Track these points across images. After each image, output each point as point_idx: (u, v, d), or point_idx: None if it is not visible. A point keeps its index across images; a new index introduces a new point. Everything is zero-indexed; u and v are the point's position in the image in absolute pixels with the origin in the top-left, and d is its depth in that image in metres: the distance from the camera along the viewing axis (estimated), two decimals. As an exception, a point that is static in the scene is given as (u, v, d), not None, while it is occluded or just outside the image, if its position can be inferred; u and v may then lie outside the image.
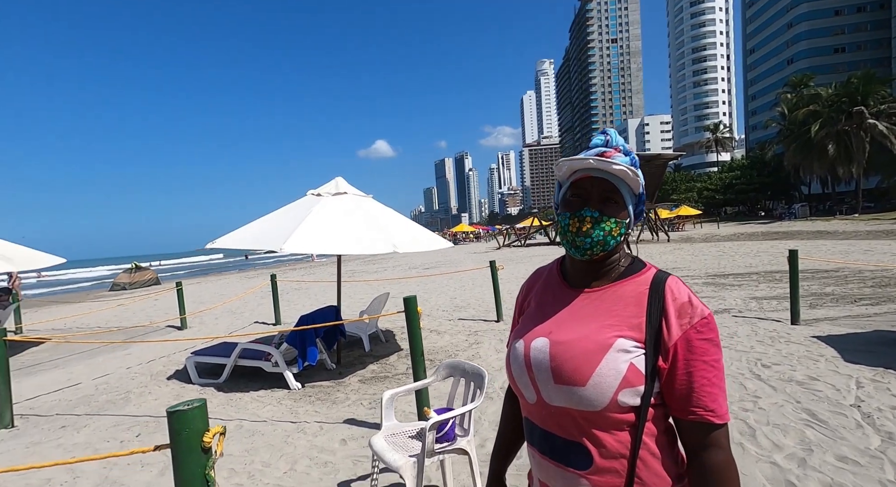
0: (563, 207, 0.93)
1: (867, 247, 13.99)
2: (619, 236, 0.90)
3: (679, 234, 32.38)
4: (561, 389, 0.85)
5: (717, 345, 0.84)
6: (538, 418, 0.92)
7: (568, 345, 0.87)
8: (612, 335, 0.85)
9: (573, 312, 0.92)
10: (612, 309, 0.88)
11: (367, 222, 4.64)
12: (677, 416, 0.85)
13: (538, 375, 0.89)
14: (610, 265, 0.94)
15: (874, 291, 7.49)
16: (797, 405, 3.28)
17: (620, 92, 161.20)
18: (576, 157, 0.89)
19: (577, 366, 0.84)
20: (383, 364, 5.31)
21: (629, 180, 0.89)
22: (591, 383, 0.82)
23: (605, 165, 0.87)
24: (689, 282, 9.75)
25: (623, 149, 0.92)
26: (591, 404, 0.83)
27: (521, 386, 0.94)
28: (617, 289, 0.90)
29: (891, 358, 4.16)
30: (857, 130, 34.75)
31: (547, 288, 1.01)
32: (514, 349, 0.96)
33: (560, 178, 0.97)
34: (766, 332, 5.39)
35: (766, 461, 2.56)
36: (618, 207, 0.90)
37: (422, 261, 21.91)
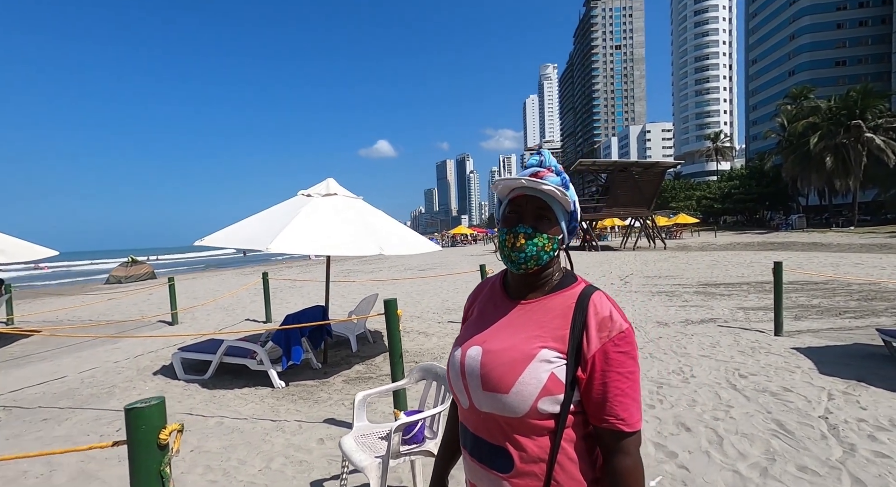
0: (502, 223, 1.00)
1: (858, 260, 14.08)
2: (551, 251, 0.96)
3: (676, 242, 32.47)
4: (488, 395, 0.91)
5: (633, 358, 0.90)
6: (470, 423, 0.98)
7: (497, 354, 0.93)
8: (537, 345, 0.91)
9: (508, 322, 0.98)
10: (541, 320, 0.94)
11: (355, 224, 4.70)
12: (593, 423, 0.91)
13: (470, 382, 0.95)
14: (544, 278, 0.99)
15: (859, 304, 7.56)
16: (767, 415, 3.34)
17: (623, 98, 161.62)
18: (510, 177, 0.95)
19: (502, 374, 0.90)
20: (369, 364, 5.36)
21: (559, 199, 0.96)
22: (514, 391, 0.88)
23: (535, 185, 0.93)
24: (681, 291, 9.82)
25: (555, 169, 0.98)
26: (514, 410, 0.89)
27: (457, 392, 1.00)
28: (547, 302, 0.96)
29: (865, 370, 4.22)
30: (854, 143, 34.92)
31: (489, 298, 1.08)
32: (453, 357, 1.02)
33: (500, 196, 1.03)
34: (747, 343, 5.45)
35: (729, 469, 2.62)
36: (550, 224, 0.96)
37: (417, 263, 21.95)
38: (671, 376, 4.36)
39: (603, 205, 27.91)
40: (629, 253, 24.37)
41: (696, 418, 3.36)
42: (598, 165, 29.11)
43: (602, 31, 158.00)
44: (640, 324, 6.71)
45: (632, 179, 26.97)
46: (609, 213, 28.72)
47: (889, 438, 2.89)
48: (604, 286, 11.17)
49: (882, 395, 3.64)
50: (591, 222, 29.61)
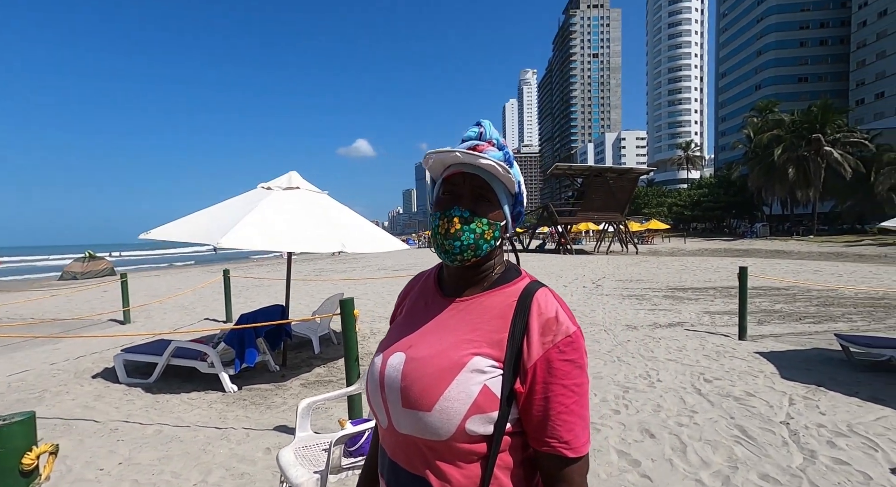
0: (435, 206, 0.83)
1: (817, 268, 14.64)
2: (492, 240, 0.80)
3: (648, 247, 33.21)
4: (408, 414, 0.74)
5: (580, 368, 0.74)
6: (388, 446, 0.81)
7: (421, 363, 0.76)
8: (469, 352, 0.74)
9: (439, 324, 0.81)
10: (476, 321, 0.78)
11: (317, 219, 4.47)
12: (532, 446, 0.75)
13: (389, 396, 0.77)
14: (483, 272, 0.83)
15: (818, 310, 7.77)
16: (731, 421, 3.30)
17: (599, 105, 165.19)
18: (444, 149, 0.78)
19: (424, 388, 0.73)
20: (331, 367, 5.12)
21: (502, 177, 0.79)
22: (437, 408, 0.71)
23: (471, 159, 0.76)
24: (650, 295, 9.93)
25: (497, 143, 0.82)
26: (436, 432, 0.72)
27: (375, 408, 0.82)
28: (484, 300, 0.80)
29: (824, 376, 4.27)
30: (815, 156, 36.58)
31: (421, 295, 0.91)
32: (372, 365, 0.84)
33: (433, 174, 0.87)
34: (713, 347, 5.48)
35: (692, 478, 2.54)
36: (491, 206, 0.80)
37: (392, 263, 21.67)
38: (638, 380, 4.30)
39: (578, 209, 28.29)
40: (602, 256, 24.73)
41: (660, 424, 3.29)
42: (575, 170, 29.51)
43: (580, 39, 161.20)
44: (610, 327, 6.70)
45: (606, 185, 27.43)
46: (584, 217, 29.12)
47: (847, 444, 2.88)
48: (577, 289, 11.21)
49: (840, 400, 3.67)
50: (567, 226, 29.96)
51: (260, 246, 3.87)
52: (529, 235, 35.94)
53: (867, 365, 4.60)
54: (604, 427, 3.26)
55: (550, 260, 22.51)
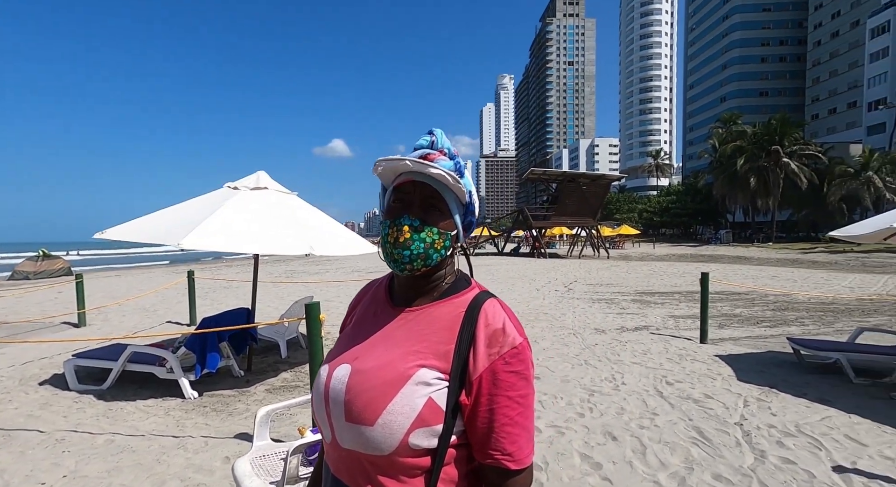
0: (385, 215, 0.82)
1: (774, 274, 15.35)
2: (443, 249, 0.79)
3: (619, 252, 34.05)
4: (351, 428, 0.72)
5: (526, 379, 0.74)
6: (332, 461, 0.79)
7: (367, 375, 0.74)
8: (415, 364, 0.73)
9: (386, 335, 0.80)
10: (424, 332, 0.77)
11: (285, 221, 4.37)
12: (477, 458, 0.74)
13: (333, 410, 0.75)
14: (433, 282, 0.82)
15: (774, 314, 8.14)
16: (689, 422, 3.41)
17: (574, 112, 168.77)
18: (394, 158, 0.78)
19: (368, 402, 0.72)
20: (298, 372, 5.01)
21: (453, 187, 0.79)
22: (380, 422, 0.70)
23: (421, 168, 0.76)
24: (619, 299, 10.18)
25: (449, 152, 0.82)
26: (379, 447, 0.70)
27: (320, 422, 0.80)
28: (433, 310, 0.79)
29: (777, 378, 4.47)
30: (774, 167, 38.44)
31: (371, 304, 0.89)
32: (318, 377, 0.82)
33: (384, 182, 0.86)
34: (676, 350, 5.65)
35: (650, 480, 2.60)
36: (441, 216, 0.79)
37: (366, 265, 21.44)
38: (603, 383, 4.39)
39: (552, 214, 28.77)
40: (575, 261, 25.20)
41: (623, 426, 3.36)
42: (549, 175, 30.03)
43: (556, 47, 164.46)
44: (580, 331, 6.82)
45: (580, 190, 28.01)
46: (558, 222, 29.63)
47: (795, 444, 3.02)
48: (549, 292, 11.38)
49: (790, 401, 3.84)
50: (541, 229, 30.40)
51: (224, 247, 3.75)
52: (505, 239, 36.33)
53: (816, 367, 4.85)
54: (568, 430, 3.31)
55: (525, 263, 22.78)
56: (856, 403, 3.78)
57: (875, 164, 34.35)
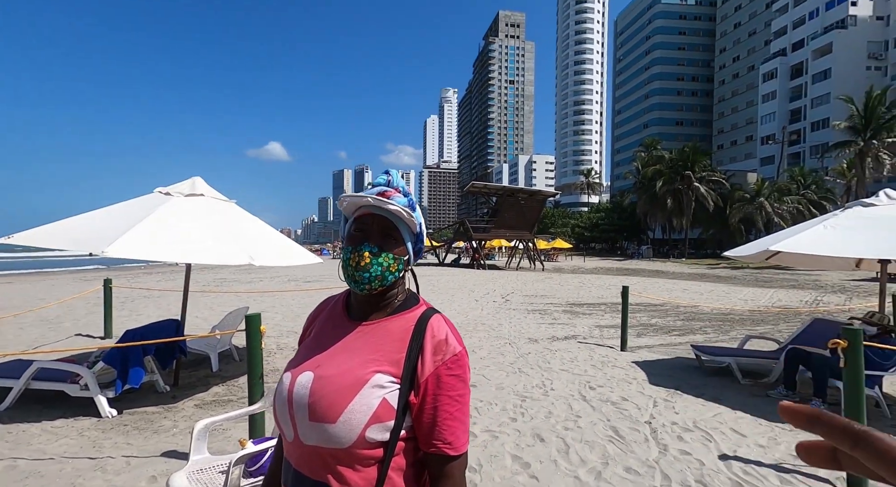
0: (347, 241, 0.95)
1: (685, 287, 17.03)
2: (396, 272, 0.93)
3: (553, 264, 35.79)
4: (314, 427, 0.84)
5: (464, 382, 0.90)
6: (293, 457, 0.90)
7: (328, 380, 0.87)
8: (371, 370, 0.87)
9: (345, 345, 0.92)
10: (379, 343, 0.91)
11: (223, 229, 4.25)
12: (422, 448, 0.89)
13: (297, 412, 0.87)
14: (387, 299, 0.96)
15: (683, 324, 9.09)
16: (607, 423, 3.78)
17: (514, 129, 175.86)
18: (357, 194, 0.92)
19: (331, 403, 0.84)
20: (231, 386, 4.83)
21: (406, 220, 0.94)
22: (342, 420, 0.83)
23: (381, 204, 0.91)
24: (552, 310, 10.79)
25: (402, 190, 0.96)
26: (339, 441, 0.83)
27: (282, 424, 0.91)
28: (387, 324, 0.93)
29: (682, 381, 5.06)
30: (686, 190, 42.68)
31: (329, 318, 1.01)
32: (281, 383, 0.93)
33: (346, 213, 0.99)
34: (599, 357, 6.16)
35: (571, 476, 2.88)
36: (396, 243, 0.93)
37: (303, 274, 20.76)
38: (534, 389, 4.71)
39: (492, 226, 29.70)
40: (512, 272, 26.16)
41: (550, 429, 3.66)
42: (489, 189, 31.05)
43: (498, 65, 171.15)
44: (515, 340, 7.18)
45: (518, 204, 29.22)
46: (497, 234, 30.62)
47: (691, 437, 3.48)
48: (488, 303, 11.79)
49: (690, 401, 4.38)
50: (481, 241, 31.23)
51: (156, 256, 3.60)
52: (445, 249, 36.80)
53: (713, 370, 5.54)
54: (502, 434, 3.54)
55: (465, 274, 23.27)
56: (741, 401, 4.40)
57: (766, 192, 39.36)
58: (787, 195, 39.38)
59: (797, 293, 15.10)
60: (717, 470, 2.95)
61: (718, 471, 2.94)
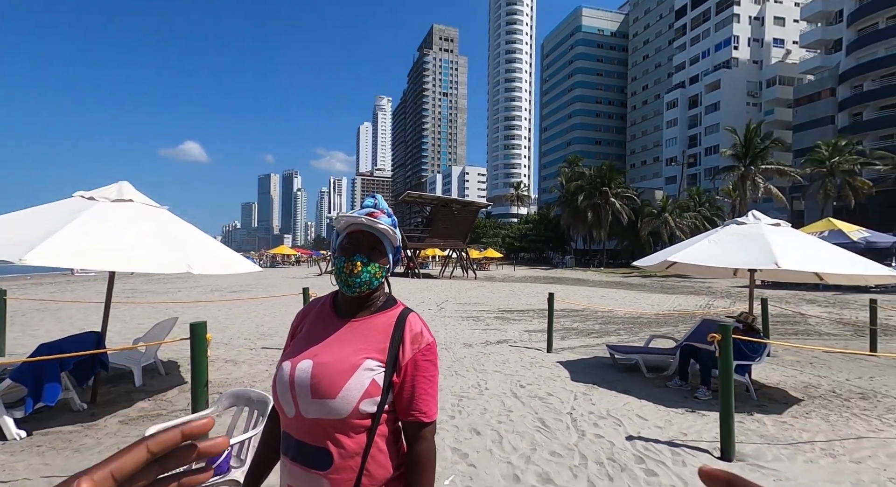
0: (340, 252, 1.15)
1: (603, 294, 18.61)
2: (381, 277, 1.15)
3: (485, 273, 36.99)
4: (316, 402, 1.04)
5: (435, 365, 1.16)
6: (294, 430, 1.09)
7: (327, 366, 1.07)
8: (363, 357, 1.08)
9: (338, 337, 1.13)
10: (367, 335, 1.12)
11: (155, 236, 4.10)
12: (400, 418, 1.13)
13: (299, 392, 1.06)
14: (372, 300, 1.17)
15: (601, 327, 10.03)
16: (535, 415, 4.21)
17: (448, 140, 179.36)
18: (352, 214, 1.14)
19: (331, 383, 1.04)
20: (158, 400, 4.60)
21: (389, 236, 1.16)
22: (340, 395, 1.03)
23: (373, 223, 1.13)
24: (485, 316, 11.33)
25: (387, 212, 1.18)
26: (338, 413, 1.04)
27: (283, 403, 1.10)
28: (372, 320, 1.15)
29: (598, 377, 5.68)
30: (604, 204, 46.51)
31: (319, 317, 1.20)
32: (281, 370, 1.12)
33: (338, 229, 1.19)
34: (528, 359, 6.67)
35: (504, 461, 3.22)
36: (381, 255, 1.15)
37: (228, 284, 19.57)
38: (470, 390, 5.04)
39: (426, 236, 30.14)
40: (446, 281, 26.69)
41: (485, 423, 3.99)
42: (424, 199, 31.54)
43: (433, 77, 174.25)
44: (450, 346, 7.50)
45: (452, 214, 29.97)
46: (431, 243, 31.10)
47: (605, 423, 4.00)
48: (422, 311, 12.04)
49: (605, 394, 4.98)
50: (416, 251, 31.50)
51: (83, 264, 3.42)
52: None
53: (625, 366, 6.26)
54: (442, 430, 3.80)
55: (400, 283, 23.35)
56: (646, 392, 5.08)
57: (669, 208, 44.16)
58: (686, 211, 44.44)
59: (694, 298, 17.17)
60: (624, 449, 3.46)
61: (625, 449, 3.45)
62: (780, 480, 3.03)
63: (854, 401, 4.89)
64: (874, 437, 3.84)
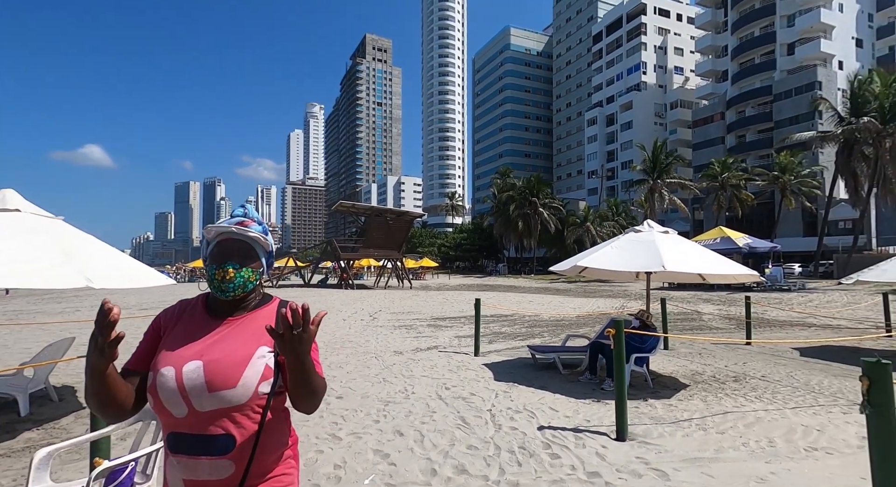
0: (211, 260, 1.23)
1: (531, 299, 19.57)
2: (255, 281, 1.25)
3: (420, 282, 37.14)
4: (213, 396, 1.12)
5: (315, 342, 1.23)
6: (187, 426, 1.13)
7: (219, 362, 1.15)
8: (255, 346, 1.19)
9: (222, 336, 1.21)
10: (254, 328, 1.22)
11: (50, 249, 3.78)
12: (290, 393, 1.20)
13: (192, 391, 1.12)
14: (247, 301, 1.27)
15: (527, 330, 10.59)
16: (457, 414, 4.42)
17: (383, 150, 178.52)
18: (221, 225, 1.24)
19: (229, 375, 1.13)
20: (50, 429, 4.18)
21: (262, 243, 1.27)
22: (240, 384, 1.13)
23: (243, 232, 1.24)
24: (417, 324, 11.46)
25: (257, 220, 1.29)
26: (240, 399, 1.13)
27: (170, 406, 1.13)
28: (256, 315, 1.26)
29: (519, 376, 6.05)
30: (533, 214, 48.97)
31: (192, 319, 1.25)
32: (162, 375, 1.13)
33: (209, 238, 1.28)
34: (456, 363, 6.91)
35: (424, 458, 3.38)
36: (252, 260, 1.25)
37: (138, 300, 17.88)
38: (397, 395, 5.15)
39: (360, 246, 29.73)
40: (381, 291, 26.46)
41: (409, 425, 4.13)
42: (358, 208, 31.21)
43: (366, 86, 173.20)
44: (380, 354, 7.54)
45: (386, 224, 29.88)
46: (365, 254, 30.73)
47: (520, 417, 4.32)
48: (355, 322, 11.91)
49: (523, 390, 5.33)
50: (350, 261, 30.91)
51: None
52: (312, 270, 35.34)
53: (544, 365, 6.72)
54: (365, 435, 3.88)
55: (332, 294, 22.77)
56: (561, 386, 5.51)
57: (591, 218, 47.65)
58: (606, 220, 48.10)
59: (612, 301, 18.63)
60: (535, 437, 3.78)
61: (535, 438, 3.77)
62: (661, 453, 3.49)
63: (728, 383, 5.69)
64: (737, 411, 4.53)
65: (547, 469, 3.21)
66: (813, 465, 3.32)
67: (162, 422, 1.17)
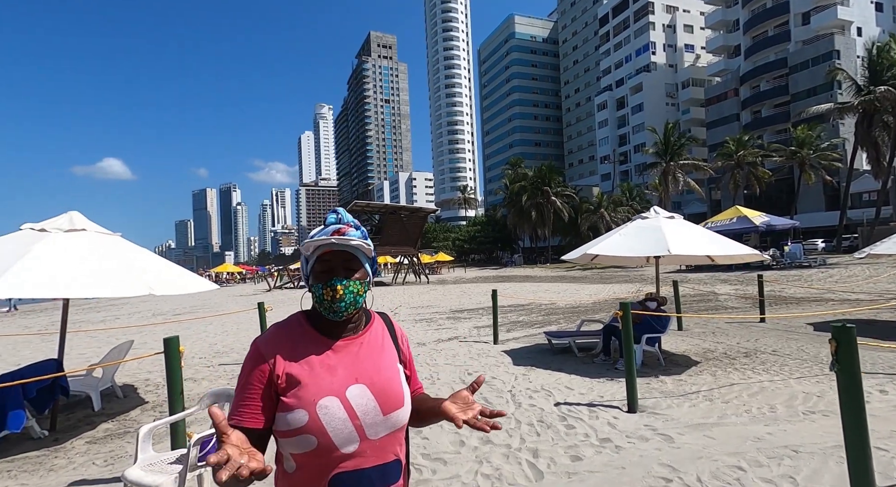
0: (314, 279, 1.07)
1: (547, 288, 19.85)
2: (364, 294, 1.09)
3: (437, 277, 37.65)
4: (389, 418, 1.03)
5: None
6: (355, 463, 1.00)
7: (384, 382, 1.06)
8: (395, 361, 1.13)
9: (359, 356, 1.08)
10: (379, 343, 1.14)
11: (115, 263, 4.30)
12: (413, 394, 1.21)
13: (365, 418, 1.01)
14: (359, 315, 1.14)
15: (543, 318, 10.94)
16: (480, 395, 4.83)
17: (393, 147, 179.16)
18: (318, 238, 1.06)
19: (396, 394, 1.07)
20: (121, 421, 4.75)
21: (364, 249, 1.09)
22: (405, 402, 1.08)
23: (343, 241, 1.05)
24: (437, 317, 11.91)
25: (354, 224, 1.10)
26: (405, 418, 1.08)
27: (341, 442, 0.99)
28: (373, 331, 1.15)
29: (537, 360, 6.44)
30: (546, 203, 48.89)
31: (308, 345, 1.06)
32: (324, 408, 0.98)
33: (306, 255, 1.11)
34: (477, 351, 7.32)
35: (453, 432, 3.81)
36: (357, 271, 1.08)
37: (171, 307, 18.78)
38: (423, 381, 5.55)
39: (377, 244, 30.31)
40: (399, 287, 27.03)
41: (437, 406, 4.56)
42: (372, 207, 31.77)
43: (373, 84, 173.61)
44: (404, 346, 8.00)
45: (401, 221, 30.39)
46: (382, 251, 31.30)
47: (538, 395, 4.71)
48: (376, 317, 12.40)
49: (541, 373, 5.71)
50: (366, 259, 31.43)
51: (52, 293, 3.61)
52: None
53: (561, 350, 7.08)
54: (399, 416, 4.32)
55: (352, 292, 23.34)
56: (576, 368, 5.87)
57: (605, 204, 47.37)
58: (620, 206, 47.76)
59: (628, 286, 18.79)
60: (552, 412, 4.17)
61: (552, 412, 4.16)
62: (668, 421, 3.84)
63: (739, 359, 5.97)
64: (743, 383, 4.83)
65: (563, 438, 3.60)
66: (809, 426, 3.63)
67: (315, 467, 1.00)
